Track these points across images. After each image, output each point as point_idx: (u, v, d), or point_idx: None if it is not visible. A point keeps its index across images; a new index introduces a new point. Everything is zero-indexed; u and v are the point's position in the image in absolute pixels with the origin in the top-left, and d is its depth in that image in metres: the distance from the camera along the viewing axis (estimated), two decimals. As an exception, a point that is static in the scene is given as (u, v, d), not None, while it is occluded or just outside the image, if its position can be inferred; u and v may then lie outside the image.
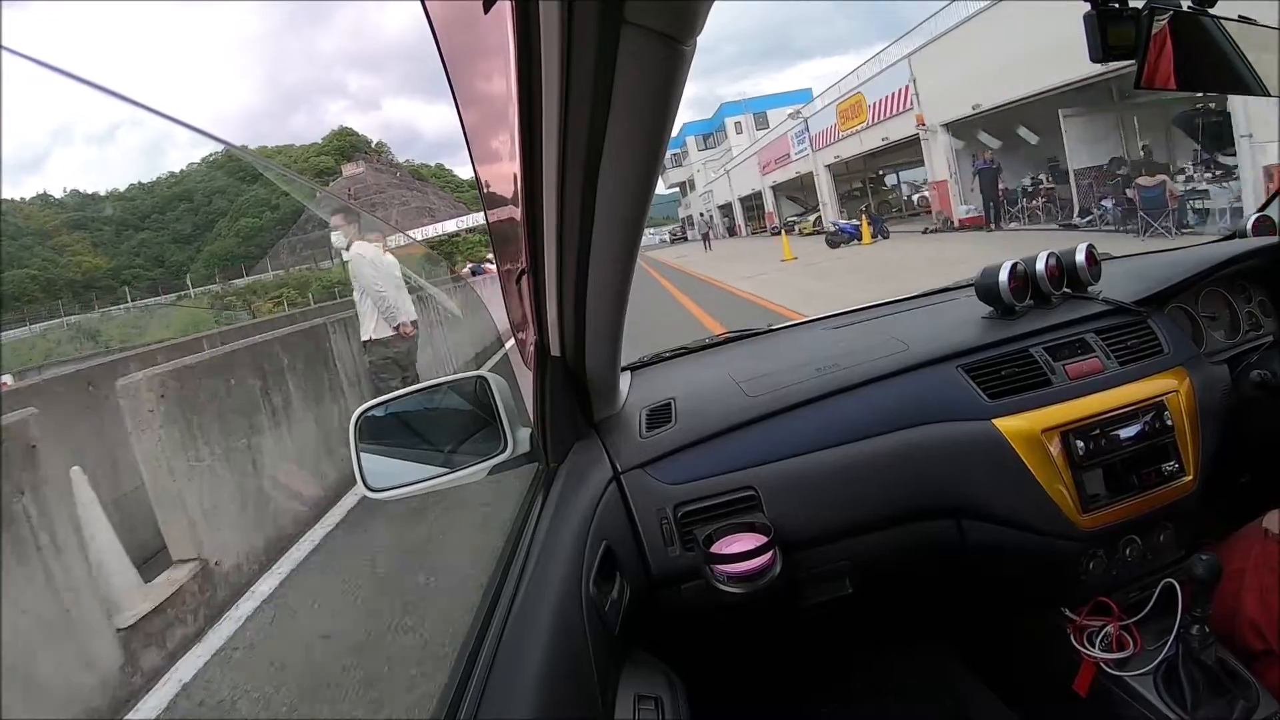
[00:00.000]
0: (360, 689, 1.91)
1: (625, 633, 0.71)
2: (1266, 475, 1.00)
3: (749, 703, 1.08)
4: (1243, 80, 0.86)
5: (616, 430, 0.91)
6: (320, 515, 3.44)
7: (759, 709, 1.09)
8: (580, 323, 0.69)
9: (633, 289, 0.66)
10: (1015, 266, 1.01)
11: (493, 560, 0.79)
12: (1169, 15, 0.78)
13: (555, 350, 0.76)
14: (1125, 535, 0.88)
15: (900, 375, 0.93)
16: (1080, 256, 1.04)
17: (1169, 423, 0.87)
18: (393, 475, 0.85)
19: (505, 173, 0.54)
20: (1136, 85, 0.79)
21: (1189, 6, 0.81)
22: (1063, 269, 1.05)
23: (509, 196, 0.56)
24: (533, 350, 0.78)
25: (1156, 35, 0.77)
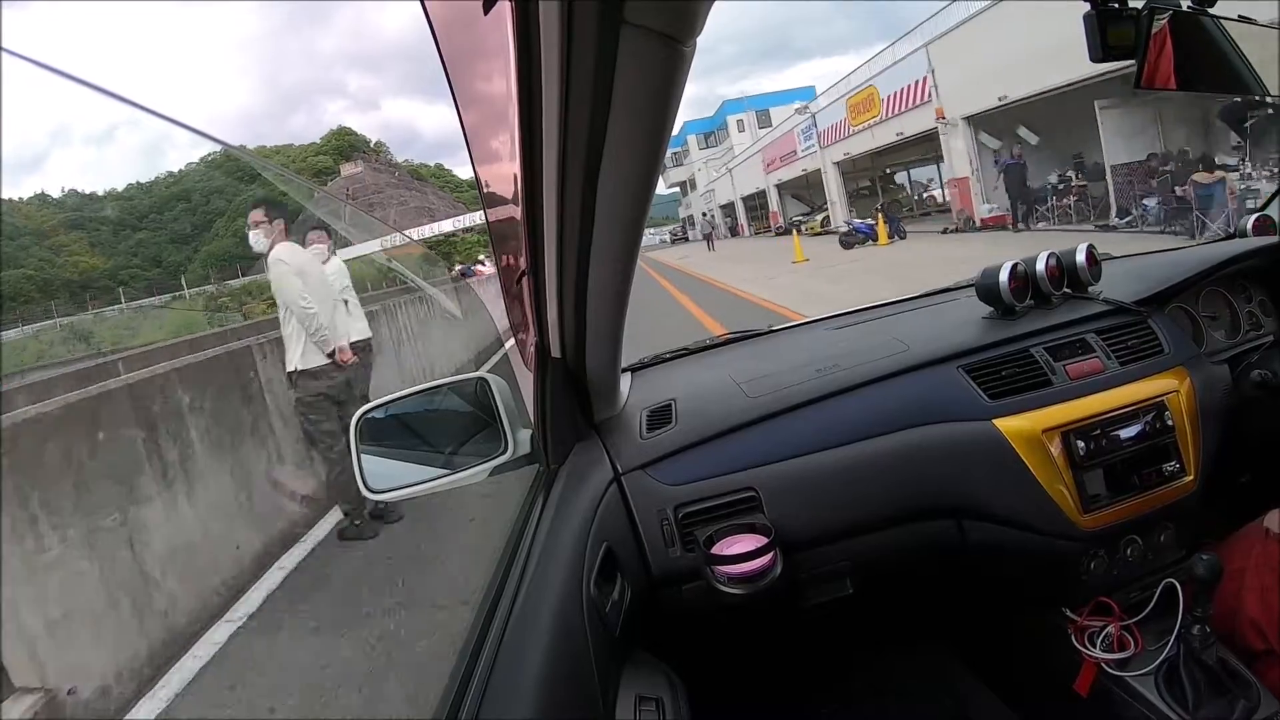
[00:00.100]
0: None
1: (626, 634, 0.71)
2: (1267, 475, 1.00)
3: (749, 703, 1.08)
4: (1243, 80, 0.86)
5: (617, 431, 0.91)
6: (230, 603, 2.61)
7: (759, 709, 1.09)
8: (580, 324, 0.69)
9: (633, 291, 0.66)
10: (1015, 267, 1.01)
11: (493, 561, 0.79)
12: (1169, 15, 0.78)
13: (555, 351, 0.75)
14: (1126, 535, 0.88)
15: (901, 376, 0.93)
16: (1080, 256, 1.04)
17: (1169, 423, 0.87)
18: (393, 476, 0.85)
19: (505, 173, 0.53)
20: (1136, 85, 0.79)
21: (1189, 6, 0.81)
22: (1063, 269, 1.05)
23: (509, 197, 0.56)
24: (533, 351, 0.78)
25: (1156, 35, 0.77)
